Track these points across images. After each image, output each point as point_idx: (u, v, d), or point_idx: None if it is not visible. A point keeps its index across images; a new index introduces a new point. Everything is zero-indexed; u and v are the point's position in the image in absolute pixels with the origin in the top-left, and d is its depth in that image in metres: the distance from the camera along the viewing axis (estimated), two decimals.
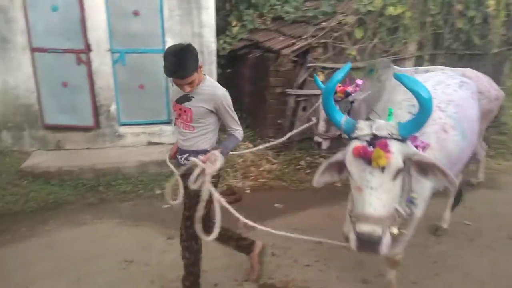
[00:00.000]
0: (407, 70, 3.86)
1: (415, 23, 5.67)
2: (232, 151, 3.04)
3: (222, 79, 6.25)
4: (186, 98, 2.71)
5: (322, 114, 3.56)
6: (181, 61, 2.50)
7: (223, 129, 2.88)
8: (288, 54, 5.29)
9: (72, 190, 4.73)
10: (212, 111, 2.72)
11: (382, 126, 1.95)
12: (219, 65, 6.23)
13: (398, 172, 1.91)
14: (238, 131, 2.80)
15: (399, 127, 1.95)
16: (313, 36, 5.40)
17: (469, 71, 3.49)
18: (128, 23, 5.20)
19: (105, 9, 5.08)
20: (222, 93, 2.72)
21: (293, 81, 5.53)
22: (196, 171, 2.63)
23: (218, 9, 6.22)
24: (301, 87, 5.54)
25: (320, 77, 4.02)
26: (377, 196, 1.87)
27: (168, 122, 5.73)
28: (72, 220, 4.22)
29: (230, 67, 6.83)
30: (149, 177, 5.05)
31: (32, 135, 5.35)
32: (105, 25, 5.13)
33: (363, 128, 1.98)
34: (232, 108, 2.76)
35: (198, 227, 2.66)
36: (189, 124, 2.74)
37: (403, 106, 2.53)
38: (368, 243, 1.88)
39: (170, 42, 5.37)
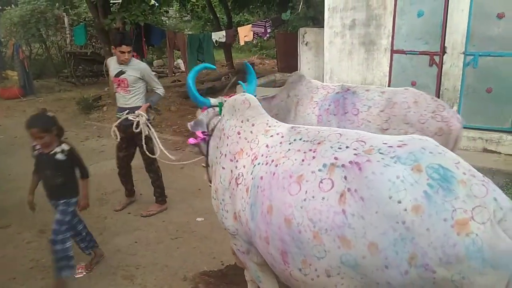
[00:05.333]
0: (330, 86, 3.86)
1: None
2: None
3: None
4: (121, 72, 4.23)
5: None
6: None
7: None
8: None
9: None
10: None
11: None
12: None
13: None
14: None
15: None
16: None
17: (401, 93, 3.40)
18: (489, 25, 5.12)
19: (468, 13, 5.21)
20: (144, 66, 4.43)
21: None
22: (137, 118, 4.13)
23: None
24: None
25: None
26: None
27: (510, 131, 5.33)
28: None
29: None
30: None
31: None
32: (464, 28, 5.27)
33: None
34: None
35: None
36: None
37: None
38: None
39: None
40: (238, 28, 8.63)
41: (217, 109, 2.63)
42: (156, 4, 8.68)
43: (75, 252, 3.82)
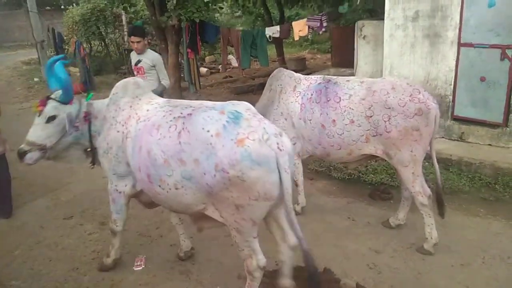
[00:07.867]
0: (312, 77, 4.11)
1: None
2: None
3: None
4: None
5: None
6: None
7: None
8: None
9: (468, 182, 4.87)
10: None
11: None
12: None
13: (50, 119, 3.13)
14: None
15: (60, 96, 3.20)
16: None
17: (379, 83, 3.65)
18: None
19: None
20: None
21: None
22: None
23: None
24: None
25: None
26: (33, 128, 3.15)
27: None
28: (466, 208, 4.40)
29: None
30: None
31: (440, 124, 5.81)
32: None
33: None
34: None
35: None
36: None
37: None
38: (18, 155, 3.15)
39: None
40: (293, 23, 8.46)
41: (82, 99, 3.36)
42: (210, 1, 8.69)
43: (132, 245, 3.91)
